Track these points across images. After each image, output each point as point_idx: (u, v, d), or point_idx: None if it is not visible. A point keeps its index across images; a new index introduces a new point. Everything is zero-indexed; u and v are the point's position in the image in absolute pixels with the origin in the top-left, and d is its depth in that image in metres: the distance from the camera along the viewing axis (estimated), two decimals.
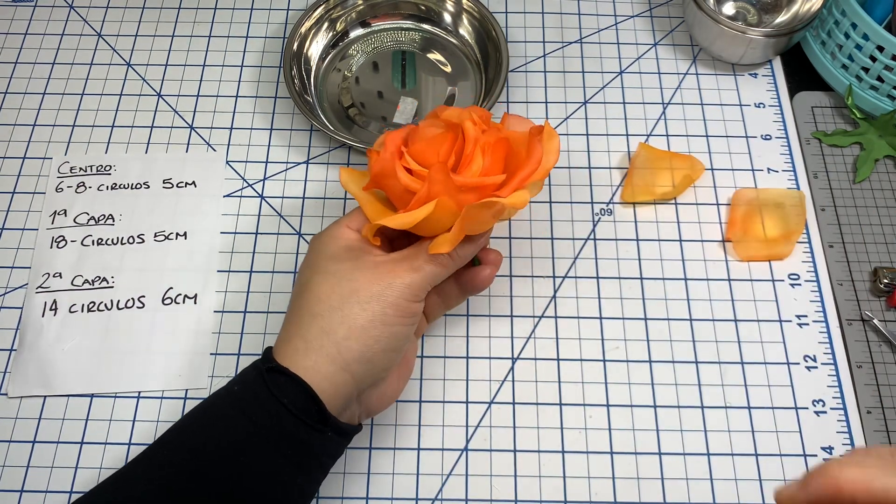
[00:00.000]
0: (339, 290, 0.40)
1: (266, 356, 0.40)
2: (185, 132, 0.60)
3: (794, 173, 0.58)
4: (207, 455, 0.38)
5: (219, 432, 0.39)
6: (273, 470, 0.38)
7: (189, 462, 0.38)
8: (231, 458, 0.38)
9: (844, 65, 0.59)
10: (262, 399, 0.38)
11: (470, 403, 0.50)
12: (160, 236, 0.55)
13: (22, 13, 0.66)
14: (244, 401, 0.39)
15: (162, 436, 0.40)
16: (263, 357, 0.41)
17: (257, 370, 0.39)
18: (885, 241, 0.55)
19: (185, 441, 0.39)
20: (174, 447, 0.39)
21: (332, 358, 0.39)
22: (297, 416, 0.38)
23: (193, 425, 0.40)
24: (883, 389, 0.50)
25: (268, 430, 0.38)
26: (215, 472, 0.37)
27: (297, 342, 0.39)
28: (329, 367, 0.39)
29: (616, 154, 0.59)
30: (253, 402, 0.39)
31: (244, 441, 0.38)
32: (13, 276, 0.54)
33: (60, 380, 0.50)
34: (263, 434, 0.38)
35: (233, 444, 0.38)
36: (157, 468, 0.38)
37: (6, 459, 0.48)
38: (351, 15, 0.64)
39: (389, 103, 0.61)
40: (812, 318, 0.53)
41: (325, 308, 0.40)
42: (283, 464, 0.38)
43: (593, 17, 0.66)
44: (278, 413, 0.38)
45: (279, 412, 0.38)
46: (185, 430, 0.40)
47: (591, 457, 0.48)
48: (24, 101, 0.61)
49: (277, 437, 0.38)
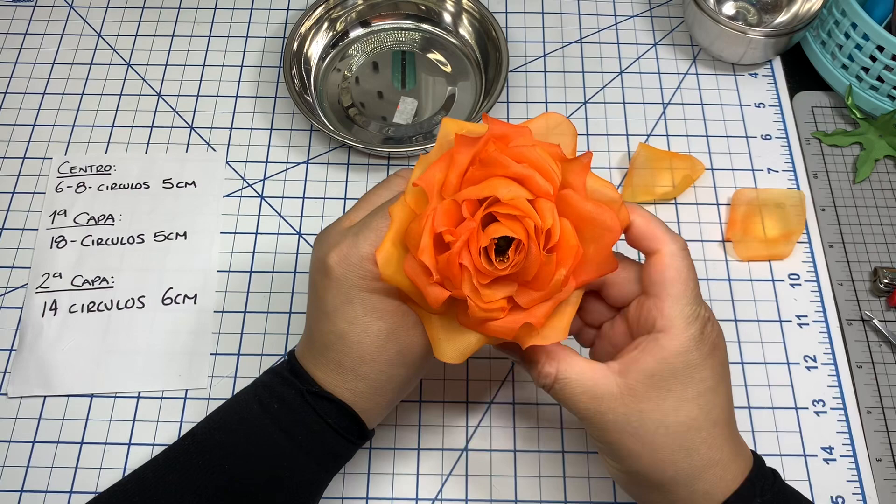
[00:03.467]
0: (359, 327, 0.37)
1: (295, 368, 0.38)
2: (185, 132, 0.60)
3: (794, 173, 0.58)
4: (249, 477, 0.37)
5: (262, 451, 0.37)
6: (310, 479, 0.38)
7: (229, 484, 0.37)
8: (272, 476, 0.37)
9: (844, 65, 0.59)
10: (307, 422, 0.37)
11: (470, 403, 0.50)
12: (160, 236, 0.55)
13: (22, 13, 0.66)
14: (284, 420, 0.37)
15: (191, 443, 0.38)
16: (290, 367, 0.39)
17: (297, 392, 0.37)
18: (885, 241, 0.55)
19: (224, 458, 0.37)
20: (211, 465, 0.37)
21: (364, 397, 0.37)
22: (339, 433, 0.37)
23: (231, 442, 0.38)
24: (883, 389, 0.50)
25: (309, 444, 0.37)
26: (256, 489, 0.37)
27: (330, 365, 0.37)
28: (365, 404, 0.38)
29: (616, 154, 0.59)
30: (297, 424, 0.37)
31: (286, 457, 0.37)
32: (13, 276, 0.54)
33: (60, 380, 0.50)
34: (305, 450, 0.37)
35: (275, 464, 0.37)
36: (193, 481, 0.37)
37: (6, 459, 0.48)
38: (351, 15, 0.64)
39: (389, 103, 0.61)
40: (812, 318, 0.53)
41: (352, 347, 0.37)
42: (317, 470, 0.38)
43: (593, 17, 0.66)
44: (322, 431, 0.37)
45: (323, 430, 0.37)
46: (224, 445, 0.38)
47: (591, 457, 0.48)
48: (24, 101, 0.61)
49: (319, 452, 0.38)
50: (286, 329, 0.52)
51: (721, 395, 0.35)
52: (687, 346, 0.34)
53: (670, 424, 0.34)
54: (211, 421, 0.39)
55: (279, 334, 0.52)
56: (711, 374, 0.34)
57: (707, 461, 0.35)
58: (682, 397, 0.34)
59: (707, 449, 0.34)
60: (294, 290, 0.53)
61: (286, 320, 0.52)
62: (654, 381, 0.34)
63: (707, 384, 0.34)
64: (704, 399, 0.34)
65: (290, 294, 0.53)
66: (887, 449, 0.48)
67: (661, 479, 0.35)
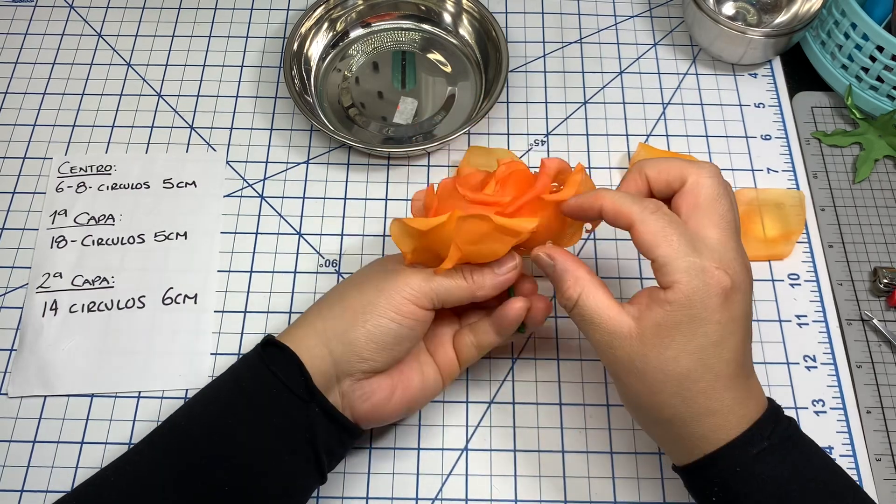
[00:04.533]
0: (351, 282, 0.43)
1: (267, 336, 0.43)
2: (186, 132, 0.60)
3: (793, 173, 0.58)
4: (199, 422, 0.40)
5: (211, 399, 0.41)
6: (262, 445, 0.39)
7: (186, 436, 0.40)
8: (220, 425, 0.39)
9: (844, 65, 0.59)
10: (254, 369, 0.41)
11: (470, 403, 0.50)
12: (160, 236, 0.55)
13: (22, 13, 0.66)
14: (239, 371, 0.42)
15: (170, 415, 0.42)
16: (265, 337, 0.43)
17: (255, 347, 0.42)
18: (884, 241, 0.55)
19: (185, 416, 0.41)
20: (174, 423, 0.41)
21: (317, 332, 0.41)
22: (284, 383, 0.39)
23: (192, 401, 0.42)
24: (883, 389, 0.50)
25: (258, 395, 0.40)
26: (205, 440, 0.39)
27: (298, 320, 0.43)
28: (312, 340, 0.41)
29: (616, 154, 0.59)
30: (247, 372, 0.41)
31: (233, 407, 0.40)
32: (13, 276, 0.54)
33: (60, 380, 0.50)
34: (254, 401, 0.40)
35: (223, 411, 0.40)
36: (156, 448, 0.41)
37: (6, 459, 0.48)
38: (351, 15, 0.64)
39: (389, 103, 0.61)
40: (812, 318, 0.53)
41: (332, 294, 0.43)
42: (272, 438, 0.39)
43: (593, 17, 0.66)
44: (268, 381, 0.40)
45: (268, 380, 0.40)
46: (188, 405, 0.42)
47: (591, 456, 0.48)
48: (25, 101, 0.61)
49: (266, 405, 0.39)
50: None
51: (727, 348, 0.36)
52: (690, 299, 0.35)
53: (669, 372, 0.36)
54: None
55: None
56: (717, 328, 0.35)
57: (704, 409, 0.36)
58: (683, 349, 0.36)
59: (704, 399, 0.36)
60: (294, 291, 0.53)
61: (286, 320, 0.52)
62: (659, 331, 0.36)
63: (711, 339, 0.35)
64: (706, 353, 0.36)
65: (290, 294, 0.53)
66: (887, 449, 0.48)
67: (659, 417, 0.38)
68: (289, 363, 0.40)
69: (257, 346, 0.42)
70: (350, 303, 0.41)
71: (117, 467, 0.40)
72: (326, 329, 0.41)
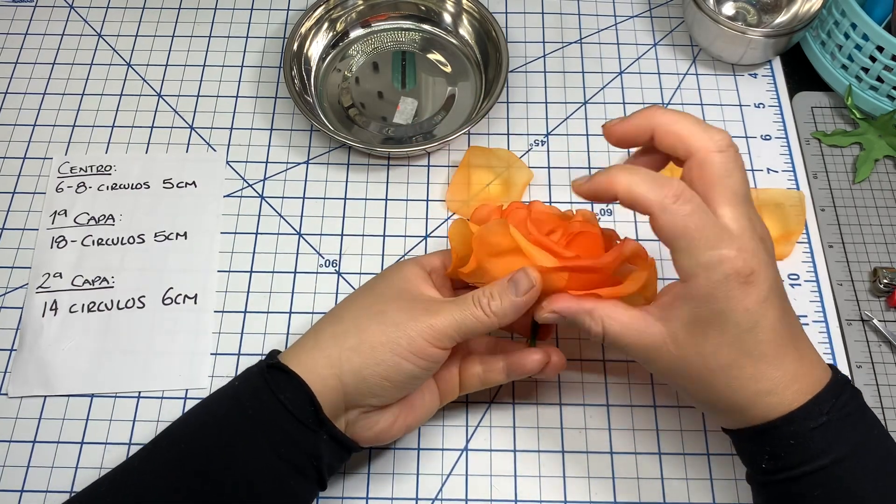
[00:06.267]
0: (369, 307, 0.41)
1: (271, 354, 0.41)
2: (186, 132, 0.60)
3: (793, 173, 0.58)
4: (201, 447, 0.39)
5: (215, 424, 0.39)
6: (265, 466, 0.38)
7: (185, 454, 0.39)
8: (224, 451, 0.38)
9: (844, 65, 0.59)
10: (260, 394, 0.39)
11: (470, 403, 0.50)
12: (160, 236, 0.55)
13: (22, 13, 0.66)
14: (243, 394, 0.40)
15: (164, 430, 0.41)
16: (269, 355, 0.41)
17: (259, 366, 0.40)
18: (884, 241, 0.55)
19: (184, 434, 0.40)
20: (172, 440, 0.40)
21: (331, 362, 0.39)
22: (293, 413, 0.38)
23: (191, 418, 0.41)
24: (883, 389, 0.50)
25: (263, 425, 0.38)
26: (207, 466, 0.38)
27: (308, 338, 0.41)
28: (325, 370, 0.39)
29: (616, 154, 0.59)
30: (251, 397, 0.39)
31: (237, 434, 0.38)
32: (13, 276, 0.54)
33: (60, 380, 0.50)
34: (259, 429, 0.38)
35: (227, 438, 0.38)
36: (153, 462, 0.39)
37: (6, 459, 0.48)
38: (351, 15, 0.64)
39: (389, 103, 0.61)
40: (812, 318, 0.53)
41: (348, 317, 0.41)
42: (275, 461, 0.38)
43: (593, 17, 0.66)
44: (275, 409, 0.38)
45: (276, 409, 0.38)
46: (185, 422, 0.41)
47: (591, 457, 0.48)
48: (25, 101, 0.61)
49: (273, 433, 0.38)
50: (286, 329, 0.52)
51: (763, 330, 0.35)
52: (713, 295, 0.35)
53: (713, 366, 0.36)
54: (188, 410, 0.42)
55: (279, 334, 0.52)
56: (746, 315, 0.35)
57: (755, 392, 0.36)
58: (719, 342, 0.35)
59: (754, 383, 0.36)
60: (294, 291, 0.53)
61: (286, 320, 0.52)
62: (690, 329, 0.36)
63: (743, 327, 0.35)
64: (742, 341, 0.35)
65: (290, 294, 0.53)
66: None
67: (716, 408, 0.38)
68: (298, 391, 0.39)
69: (262, 367, 0.40)
70: (368, 337, 0.39)
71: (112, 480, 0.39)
72: (342, 361, 0.39)
